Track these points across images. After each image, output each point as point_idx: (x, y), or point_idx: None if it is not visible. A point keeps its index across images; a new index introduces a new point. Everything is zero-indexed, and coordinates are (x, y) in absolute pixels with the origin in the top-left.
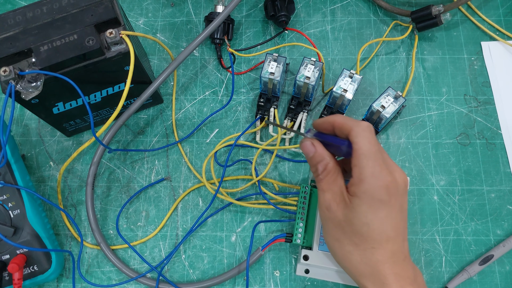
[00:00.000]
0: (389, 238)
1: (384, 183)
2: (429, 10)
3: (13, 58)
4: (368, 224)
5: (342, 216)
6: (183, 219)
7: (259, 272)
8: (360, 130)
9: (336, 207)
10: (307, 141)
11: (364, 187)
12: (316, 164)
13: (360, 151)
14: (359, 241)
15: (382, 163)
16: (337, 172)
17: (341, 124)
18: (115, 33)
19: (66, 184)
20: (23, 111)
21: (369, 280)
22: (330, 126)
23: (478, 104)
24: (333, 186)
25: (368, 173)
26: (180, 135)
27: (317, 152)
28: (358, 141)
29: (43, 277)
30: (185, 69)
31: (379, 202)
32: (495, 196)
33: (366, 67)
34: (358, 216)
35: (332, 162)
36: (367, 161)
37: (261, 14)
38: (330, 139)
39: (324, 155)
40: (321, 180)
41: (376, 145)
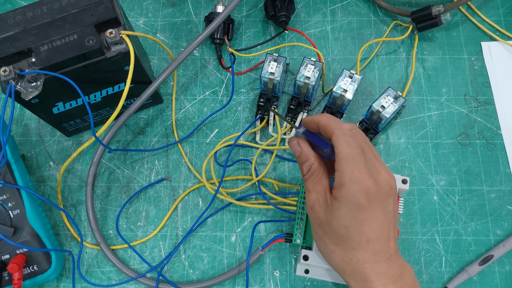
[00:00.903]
0: (369, 239)
1: (363, 188)
2: (429, 10)
3: (13, 58)
4: (347, 227)
5: (323, 217)
6: (183, 219)
7: (259, 272)
8: (341, 134)
9: (318, 207)
10: (293, 140)
11: (344, 192)
12: (302, 164)
13: (340, 155)
14: (339, 241)
15: (363, 167)
16: (322, 172)
17: (324, 126)
18: (115, 33)
19: (66, 184)
20: (23, 111)
21: (351, 277)
22: (315, 126)
23: (478, 104)
24: (318, 187)
25: (347, 178)
26: (180, 135)
27: (302, 152)
28: (338, 145)
29: (43, 277)
30: (185, 69)
31: (358, 207)
32: (495, 196)
33: (366, 67)
34: (337, 219)
35: (317, 162)
36: (346, 165)
37: (261, 14)
38: (316, 140)
39: (309, 156)
40: (306, 179)
41: (356, 148)
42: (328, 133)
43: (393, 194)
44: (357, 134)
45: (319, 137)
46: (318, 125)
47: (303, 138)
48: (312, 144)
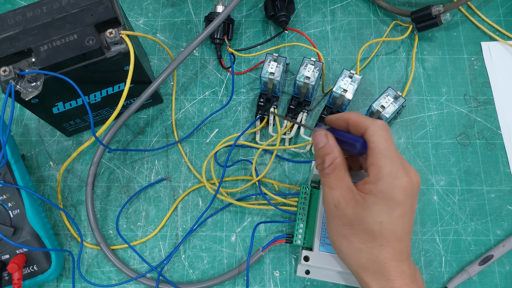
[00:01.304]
0: (398, 237)
1: (402, 183)
2: (429, 10)
3: (13, 58)
4: (381, 222)
5: (352, 214)
6: (183, 219)
7: (259, 272)
8: (377, 128)
9: (345, 204)
10: (321, 131)
11: (382, 186)
12: (324, 156)
13: (377, 150)
14: (369, 238)
15: (400, 163)
16: (345, 168)
17: (356, 122)
18: (115, 33)
19: (66, 184)
20: (23, 111)
21: (373, 276)
22: (344, 123)
23: (478, 104)
24: (341, 183)
25: (386, 172)
26: (180, 135)
27: (328, 143)
28: (375, 139)
29: (43, 277)
30: (185, 69)
31: (395, 202)
32: (495, 196)
33: (366, 67)
34: (371, 215)
35: (341, 157)
36: (385, 160)
37: (261, 14)
38: (344, 135)
39: (334, 148)
40: (327, 174)
41: (393, 144)
42: (361, 129)
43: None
44: (389, 130)
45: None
46: (348, 121)
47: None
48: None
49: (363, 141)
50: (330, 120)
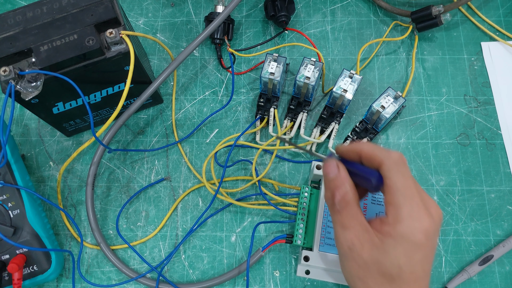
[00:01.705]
0: (417, 278)
1: (424, 225)
2: (429, 11)
3: (13, 58)
4: (400, 266)
5: (368, 257)
6: (183, 219)
7: (259, 272)
8: (393, 163)
9: (360, 246)
10: (332, 161)
11: (402, 229)
12: (334, 189)
13: (395, 188)
14: (386, 281)
15: (420, 202)
16: (357, 204)
17: (369, 155)
18: (115, 33)
19: (66, 184)
20: (23, 111)
21: None
22: (356, 155)
23: (478, 105)
24: (355, 222)
25: (405, 213)
26: (180, 135)
27: (339, 175)
28: (391, 176)
29: (43, 277)
30: (185, 69)
31: (416, 246)
32: (495, 196)
33: (366, 67)
34: (390, 259)
35: (353, 192)
36: (404, 199)
37: (261, 14)
38: (358, 167)
39: (346, 182)
40: (338, 212)
41: (411, 180)
42: (375, 163)
43: None
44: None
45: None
46: (360, 154)
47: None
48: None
49: (378, 175)
50: (341, 151)
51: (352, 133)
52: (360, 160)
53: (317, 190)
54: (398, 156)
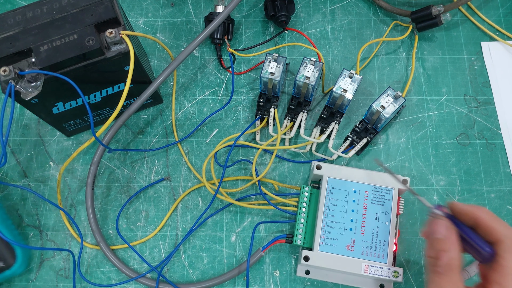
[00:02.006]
0: None
1: None
2: (429, 10)
3: (13, 58)
4: None
5: None
6: (183, 219)
7: (259, 272)
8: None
9: None
10: (443, 220)
11: None
12: (440, 251)
13: (508, 270)
14: None
15: None
16: (459, 271)
17: (488, 227)
18: (115, 33)
19: (66, 184)
20: (23, 111)
21: None
22: (471, 220)
23: (478, 104)
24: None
25: None
26: (180, 135)
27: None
28: (507, 257)
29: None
30: (185, 69)
31: None
32: (495, 196)
33: (366, 67)
34: None
35: (459, 259)
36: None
37: (261, 14)
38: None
39: (454, 247)
40: (439, 273)
41: None
42: (491, 237)
43: None
44: None
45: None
46: (476, 221)
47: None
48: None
49: (491, 251)
50: (455, 210)
51: (352, 133)
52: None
53: (317, 190)
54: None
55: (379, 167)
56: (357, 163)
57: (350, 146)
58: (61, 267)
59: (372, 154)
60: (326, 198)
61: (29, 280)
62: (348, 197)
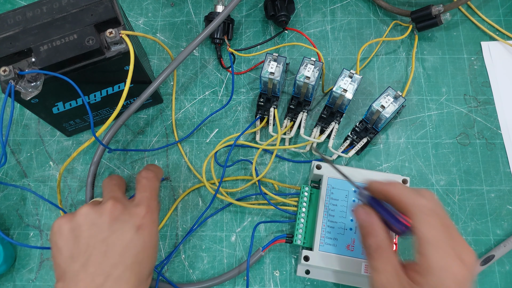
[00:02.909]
0: None
1: (455, 275)
2: (429, 10)
3: (13, 57)
4: None
5: None
6: (183, 219)
7: (259, 272)
8: (420, 213)
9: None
10: (360, 208)
11: (432, 280)
12: (368, 237)
13: (424, 240)
14: None
15: (451, 251)
16: (390, 249)
17: (397, 202)
18: (115, 33)
19: (66, 184)
20: (23, 111)
21: None
22: (386, 198)
23: (478, 104)
24: (387, 266)
25: (435, 265)
26: (180, 135)
27: (370, 223)
28: (420, 227)
29: None
30: (185, 69)
31: None
32: (495, 196)
33: (366, 67)
34: None
35: (387, 239)
36: (434, 250)
37: (261, 14)
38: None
39: (376, 228)
40: (370, 255)
41: (441, 229)
42: (402, 210)
43: None
44: (437, 208)
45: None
46: (389, 198)
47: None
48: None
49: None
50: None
51: (352, 132)
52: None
53: (317, 190)
54: (427, 204)
55: (379, 167)
56: (357, 163)
57: (350, 146)
58: None
59: (372, 154)
60: (326, 198)
61: (29, 280)
62: (348, 197)
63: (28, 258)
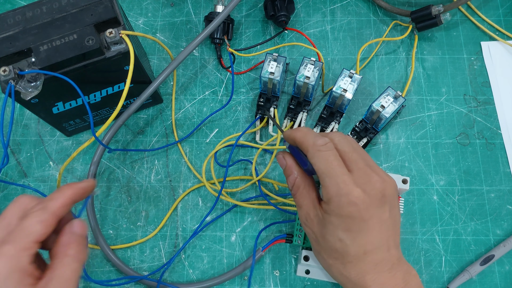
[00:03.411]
0: (366, 251)
1: (351, 199)
2: (429, 10)
3: (13, 57)
4: (341, 240)
5: (317, 232)
6: (183, 219)
7: (259, 272)
8: (315, 150)
9: (311, 222)
10: (280, 154)
11: (332, 206)
12: (287, 178)
13: (320, 172)
14: (337, 256)
15: (347, 178)
16: (308, 185)
17: (300, 144)
18: (115, 33)
19: None
20: (23, 111)
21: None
22: (294, 142)
23: (478, 104)
24: (306, 201)
25: (333, 192)
26: (180, 135)
27: (287, 166)
28: (314, 162)
29: None
30: (184, 69)
31: (349, 219)
32: (494, 196)
33: (366, 67)
34: (330, 233)
35: (300, 176)
36: (329, 179)
37: (261, 14)
38: (297, 157)
39: (293, 169)
40: (293, 195)
41: (334, 161)
42: (303, 151)
43: (389, 200)
44: (338, 144)
45: (300, 153)
46: (295, 142)
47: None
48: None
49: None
50: (285, 137)
51: (352, 132)
52: None
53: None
54: (321, 142)
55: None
56: None
57: None
58: None
59: (372, 154)
60: None
61: None
62: None
63: None
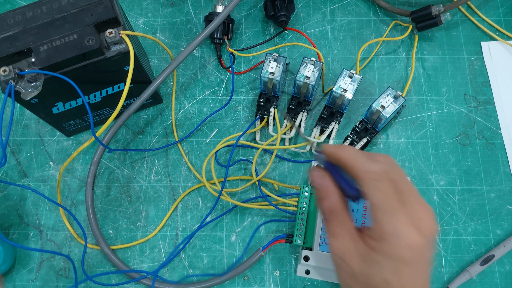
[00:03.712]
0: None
1: (408, 242)
2: (429, 10)
3: (13, 57)
4: (387, 281)
5: (358, 269)
6: (183, 219)
7: (259, 272)
8: (369, 179)
9: (349, 257)
10: (315, 171)
11: (385, 246)
12: (322, 200)
13: (375, 206)
14: None
15: (404, 217)
16: (345, 213)
17: (347, 167)
18: (115, 33)
19: (66, 184)
20: (23, 111)
21: None
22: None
23: (478, 104)
24: (343, 231)
25: (388, 231)
26: (180, 135)
27: (324, 186)
28: (369, 193)
29: None
30: (185, 69)
31: (401, 262)
32: (495, 196)
33: (366, 67)
34: (377, 274)
35: (339, 200)
36: (385, 216)
37: (261, 14)
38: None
39: (331, 192)
40: (326, 220)
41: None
42: (352, 175)
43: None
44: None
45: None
46: (339, 161)
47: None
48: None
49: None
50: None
51: (352, 132)
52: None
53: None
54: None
55: None
56: None
57: None
58: (61, 267)
59: None
60: None
61: (29, 280)
62: None
63: (28, 258)
